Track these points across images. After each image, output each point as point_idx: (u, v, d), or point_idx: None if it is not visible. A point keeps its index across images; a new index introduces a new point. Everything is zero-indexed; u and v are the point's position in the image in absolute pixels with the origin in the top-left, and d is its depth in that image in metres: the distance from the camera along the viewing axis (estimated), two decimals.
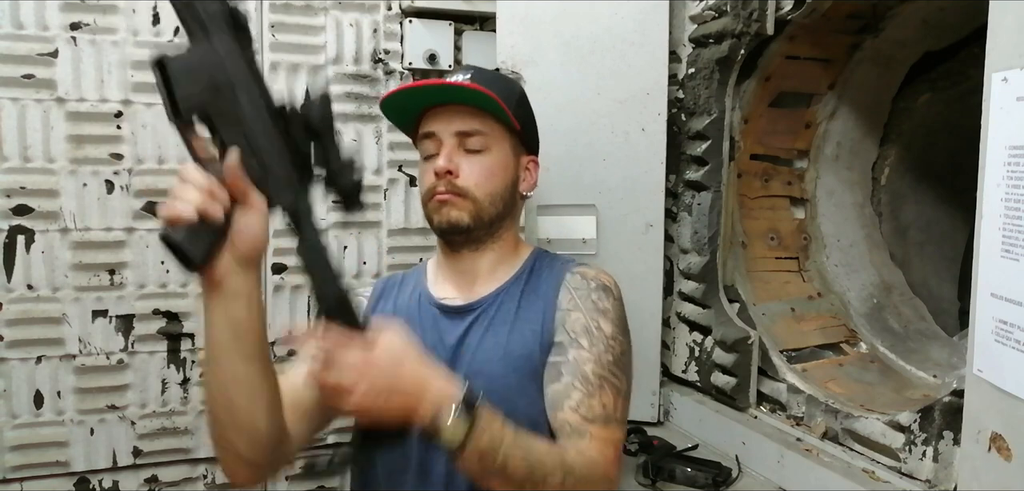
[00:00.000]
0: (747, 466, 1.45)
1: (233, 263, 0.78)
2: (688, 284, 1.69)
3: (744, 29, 1.51)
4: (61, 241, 1.43)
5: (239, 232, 0.77)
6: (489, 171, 1.12)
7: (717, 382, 1.59)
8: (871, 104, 1.70)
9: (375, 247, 1.62)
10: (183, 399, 1.53)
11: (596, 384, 1.03)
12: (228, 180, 0.74)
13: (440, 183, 1.11)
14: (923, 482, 1.15)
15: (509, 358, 1.07)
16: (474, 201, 1.11)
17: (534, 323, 1.10)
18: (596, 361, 1.05)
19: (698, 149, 1.63)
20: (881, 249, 1.75)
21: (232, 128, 0.74)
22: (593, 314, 1.08)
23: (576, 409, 1.01)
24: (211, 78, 0.73)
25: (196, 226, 0.72)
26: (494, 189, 1.13)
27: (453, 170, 1.10)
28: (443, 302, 1.16)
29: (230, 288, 0.80)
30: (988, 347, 0.92)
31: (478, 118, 1.12)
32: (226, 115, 0.74)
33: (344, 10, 1.56)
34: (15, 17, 1.37)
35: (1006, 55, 0.89)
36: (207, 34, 0.73)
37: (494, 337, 1.10)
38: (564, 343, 1.07)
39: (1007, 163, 0.89)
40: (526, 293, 1.14)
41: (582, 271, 1.14)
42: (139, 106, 1.46)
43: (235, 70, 0.75)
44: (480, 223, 1.12)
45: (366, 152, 1.59)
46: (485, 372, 1.06)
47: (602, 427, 1.01)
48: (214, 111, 0.73)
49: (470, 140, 1.12)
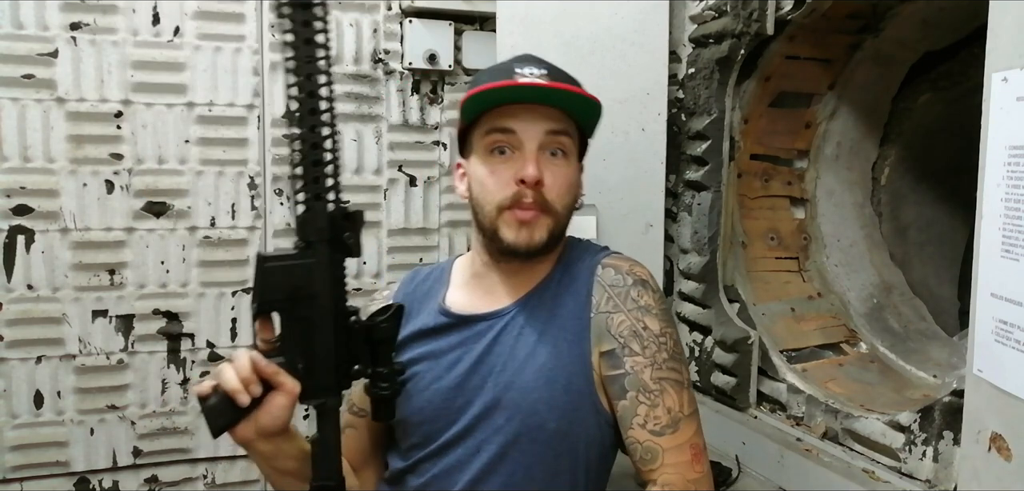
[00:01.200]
0: (747, 466, 1.45)
1: (256, 433, 0.85)
2: (688, 284, 1.69)
3: (744, 29, 1.51)
4: (61, 241, 1.43)
5: (266, 411, 0.84)
6: (569, 182, 1.04)
7: (717, 382, 1.59)
8: (871, 104, 1.69)
9: (375, 247, 1.62)
10: (183, 399, 1.53)
11: (657, 391, 0.98)
12: (259, 366, 0.82)
13: (526, 194, 0.99)
14: (923, 482, 1.15)
15: (542, 369, 1.00)
16: (555, 216, 1.02)
17: (568, 329, 1.02)
18: (652, 364, 0.99)
19: (698, 149, 1.63)
20: (881, 249, 1.75)
21: (296, 328, 0.84)
22: (636, 313, 1.01)
23: (644, 424, 0.97)
24: (295, 286, 0.83)
25: (224, 403, 0.82)
26: (571, 202, 1.05)
27: (543, 180, 0.99)
28: (466, 314, 1.07)
29: (256, 448, 0.88)
30: (988, 347, 0.92)
31: (564, 120, 1.03)
32: (296, 319, 0.84)
33: (344, 10, 1.56)
34: (15, 17, 1.37)
35: (1006, 55, 0.89)
36: (309, 245, 0.83)
37: (525, 345, 1.02)
38: (616, 351, 1.00)
39: (1007, 163, 0.89)
40: (560, 294, 1.05)
41: (615, 264, 1.05)
42: (139, 106, 1.46)
43: (321, 282, 0.84)
44: (553, 241, 1.03)
45: (366, 152, 1.59)
46: (515, 384, 1.00)
47: (672, 435, 0.97)
48: (287, 313, 0.84)
49: (556, 144, 1.02)
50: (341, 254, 0.85)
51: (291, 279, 0.82)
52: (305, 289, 0.83)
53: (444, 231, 1.65)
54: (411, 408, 1.04)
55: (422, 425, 1.04)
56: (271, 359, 0.83)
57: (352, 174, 1.59)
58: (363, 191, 1.60)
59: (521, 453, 0.99)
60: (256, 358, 0.82)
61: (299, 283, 0.83)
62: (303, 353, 0.84)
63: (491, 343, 1.03)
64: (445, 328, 1.07)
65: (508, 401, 0.99)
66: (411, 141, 1.62)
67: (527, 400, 0.98)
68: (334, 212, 0.83)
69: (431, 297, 1.13)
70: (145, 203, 1.48)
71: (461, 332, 1.06)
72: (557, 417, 0.99)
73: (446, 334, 1.07)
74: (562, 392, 0.99)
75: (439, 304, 1.10)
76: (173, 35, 1.47)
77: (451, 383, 1.03)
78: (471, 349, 1.04)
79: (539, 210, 1.00)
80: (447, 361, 1.04)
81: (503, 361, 1.01)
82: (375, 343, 0.89)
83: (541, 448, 0.99)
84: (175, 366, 1.52)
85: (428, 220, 1.64)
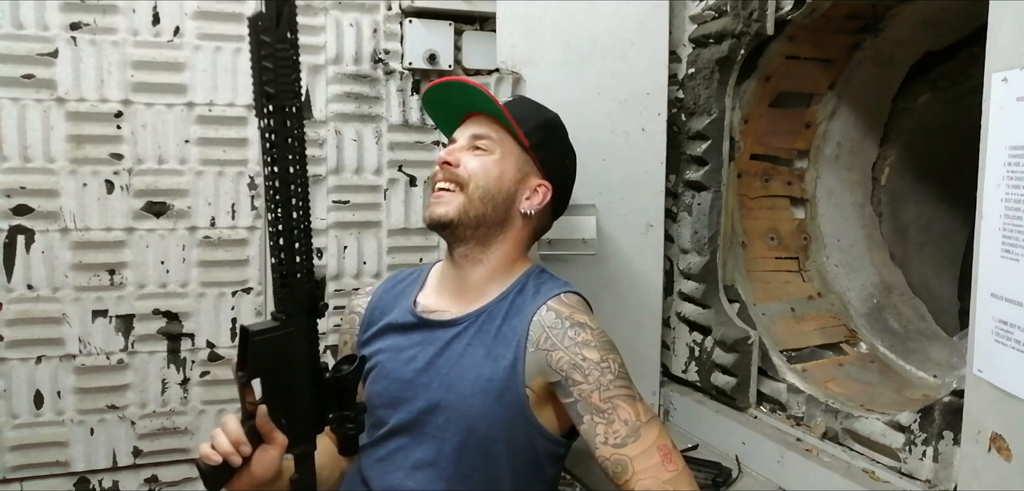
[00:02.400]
0: (747, 466, 1.45)
1: (250, 484, 0.96)
2: (688, 284, 1.69)
3: (744, 29, 1.51)
4: (61, 241, 1.43)
5: (259, 463, 0.94)
6: (485, 167, 1.19)
7: (717, 382, 1.59)
8: (871, 104, 1.69)
9: (375, 247, 1.62)
10: (183, 399, 1.53)
11: (609, 408, 1.07)
12: (260, 425, 0.93)
13: (440, 172, 1.20)
14: (923, 482, 1.15)
15: (479, 380, 1.13)
16: (466, 195, 1.17)
17: (507, 351, 1.14)
18: (598, 388, 1.08)
19: (698, 149, 1.64)
20: (881, 249, 1.75)
21: (278, 388, 0.94)
22: (574, 349, 1.11)
23: (606, 441, 1.06)
24: (278, 353, 0.92)
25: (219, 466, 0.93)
26: (487, 185, 1.18)
27: (452, 161, 1.19)
28: (429, 317, 1.21)
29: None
30: (988, 347, 0.92)
31: (493, 126, 1.22)
32: (278, 382, 0.93)
33: (344, 10, 1.56)
34: (15, 17, 1.37)
35: (1006, 55, 0.89)
36: (289, 316, 0.92)
37: (471, 357, 1.15)
38: (562, 383, 1.11)
39: (1007, 163, 0.89)
40: (508, 315, 1.17)
41: (557, 307, 1.15)
42: (139, 106, 1.46)
43: (298, 348, 0.94)
44: (466, 220, 1.17)
45: (366, 152, 1.59)
46: (455, 389, 1.13)
47: (635, 443, 1.05)
48: (271, 377, 0.93)
49: (480, 141, 1.20)
50: (315, 319, 0.95)
51: (276, 349, 0.92)
52: (286, 353, 0.93)
53: None
54: (373, 391, 1.20)
55: (378, 409, 1.19)
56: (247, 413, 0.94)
57: (352, 174, 1.59)
58: (363, 191, 1.60)
59: (454, 450, 1.12)
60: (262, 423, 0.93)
61: (282, 351, 0.92)
62: (286, 410, 0.95)
63: (443, 348, 1.17)
64: (411, 326, 1.22)
65: (448, 404, 1.13)
66: (411, 141, 1.62)
67: (464, 404, 1.12)
68: (309, 284, 0.93)
69: (406, 296, 1.27)
70: (145, 203, 1.48)
71: (422, 333, 1.20)
72: (489, 424, 1.12)
73: (410, 332, 1.21)
74: (495, 402, 1.12)
75: (410, 304, 1.24)
76: (173, 35, 1.47)
77: (405, 377, 1.17)
78: (426, 350, 1.17)
79: (450, 184, 1.18)
80: (405, 356, 1.19)
81: (450, 367, 1.15)
82: (342, 391, 0.99)
83: (471, 449, 1.12)
84: (175, 366, 1.52)
85: None
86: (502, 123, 1.22)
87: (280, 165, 0.88)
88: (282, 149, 0.87)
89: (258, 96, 0.87)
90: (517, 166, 1.22)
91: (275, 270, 0.91)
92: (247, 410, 0.94)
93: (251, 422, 0.94)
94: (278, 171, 0.88)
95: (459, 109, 1.27)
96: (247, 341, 0.90)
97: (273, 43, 0.86)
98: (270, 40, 0.86)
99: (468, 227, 1.18)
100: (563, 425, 1.17)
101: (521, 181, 1.22)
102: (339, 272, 1.60)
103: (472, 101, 1.24)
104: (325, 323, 1.59)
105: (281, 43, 0.86)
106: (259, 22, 0.85)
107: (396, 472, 1.15)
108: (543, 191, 1.23)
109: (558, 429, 1.18)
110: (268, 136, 0.87)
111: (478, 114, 1.24)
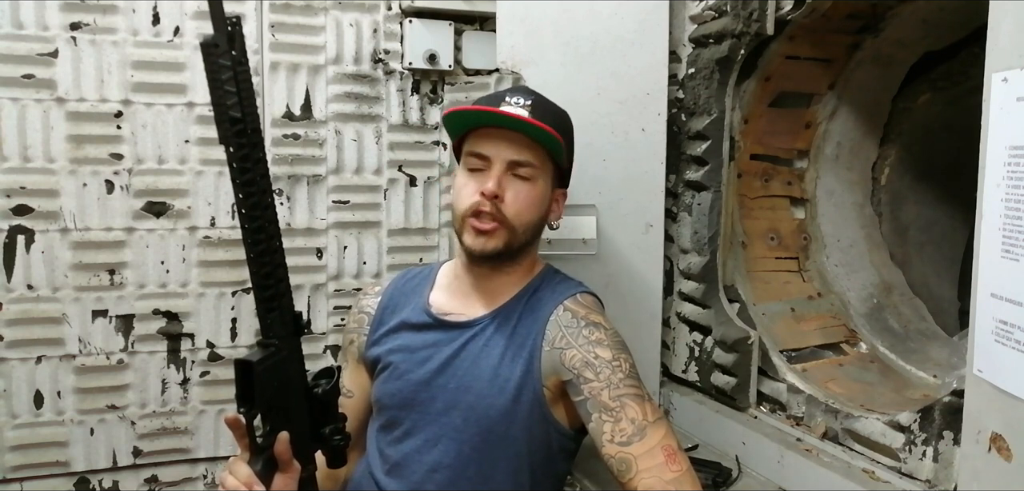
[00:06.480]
0: (747, 466, 1.45)
1: None
2: (688, 284, 1.69)
3: (744, 29, 1.51)
4: (61, 241, 1.43)
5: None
6: (531, 202, 1.17)
7: (717, 382, 1.59)
8: (871, 104, 1.69)
9: (375, 247, 1.62)
10: (183, 399, 1.53)
11: (617, 407, 1.08)
12: (280, 453, 0.93)
13: (484, 204, 1.14)
14: (923, 482, 1.15)
15: (498, 379, 1.14)
16: (511, 230, 1.16)
17: (523, 350, 1.15)
18: (607, 386, 1.09)
19: (698, 149, 1.63)
20: (881, 249, 1.75)
21: (280, 415, 0.94)
22: (587, 347, 1.12)
23: (612, 439, 1.07)
24: (278, 379, 0.92)
25: None
26: (531, 220, 1.18)
27: (501, 195, 1.14)
28: (444, 317, 1.22)
29: None
30: (988, 347, 0.92)
31: (532, 149, 1.16)
32: (280, 407, 0.94)
33: (344, 10, 1.56)
34: (15, 17, 1.37)
35: (1006, 55, 0.89)
36: (280, 341, 0.92)
37: (488, 358, 1.16)
38: (573, 381, 1.11)
39: (1007, 163, 0.89)
40: (524, 316, 1.19)
41: (573, 308, 1.18)
42: (139, 106, 1.46)
43: (292, 370, 0.95)
44: (510, 251, 1.18)
45: (366, 152, 1.59)
46: (474, 390, 1.14)
47: (640, 443, 1.05)
48: (274, 405, 0.93)
49: (521, 169, 1.16)
50: (299, 339, 0.96)
51: (275, 376, 0.92)
52: (283, 379, 0.94)
53: (444, 231, 1.65)
54: (386, 391, 1.20)
55: (391, 409, 1.19)
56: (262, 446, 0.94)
57: (352, 174, 1.59)
58: (363, 191, 1.60)
59: (473, 450, 1.13)
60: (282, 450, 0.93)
61: (279, 377, 0.93)
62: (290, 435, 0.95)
63: (459, 349, 1.17)
64: (425, 326, 1.22)
65: (465, 404, 1.14)
66: (411, 141, 1.62)
67: (482, 404, 1.13)
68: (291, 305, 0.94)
69: (417, 294, 1.27)
70: (145, 203, 1.48)
71: (437, 333, 1.20)
72: (508, 423, 1.13)
73: (424, 331, 1.21)
74: (513, 401, 1.13)
75: (424, 302, 1.24)
76: (173, 35, 1.47)
77: (421, 377, 1.17)
78: (442, 350, 1.18)
79: (496, 223, 1.14)
80: (421, 356, 1.19)
81: (467, 367, 1.16)
82: (327, 405, 1.01)
83: (491, 448, 1.13)
84: (175, 366, 1.52)
85: (428, 220, 1.65)
86: (544, 147, 1.17)
87: (257, 191, 0.86)
88: (256, 174, 0.86)
89: (222, 123, 0.83)
90: (550, 186, 1.22)
91: (260, 297, 0.91)
92: (256, 444, 0.93)
93: (263, 456, 0.92)
94: (256, 200, 0.87)
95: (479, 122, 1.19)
96: (249, 374, 0.88)
97: (233, 66, 0.82)
98: (229, 62, 0.82)
99: (510, 255, 1.19)
100: (574, 421, 1.18)
101: (551, 198, 1.24)
102: (339, 272, 1.60)
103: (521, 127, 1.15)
104: (325, 323, 1.60)
105: (241, 65, 0.83)
106: (215, 45, 0.82)
107: (413, 475, 1.15)
108: (562, 199, 1.27)
109: (569, 425, 1.19)
110: (241, 164, 0.84)
111: (514, 133, 1.15)
